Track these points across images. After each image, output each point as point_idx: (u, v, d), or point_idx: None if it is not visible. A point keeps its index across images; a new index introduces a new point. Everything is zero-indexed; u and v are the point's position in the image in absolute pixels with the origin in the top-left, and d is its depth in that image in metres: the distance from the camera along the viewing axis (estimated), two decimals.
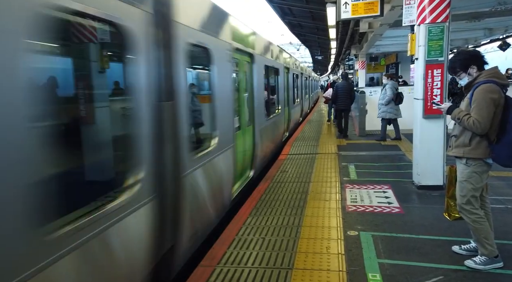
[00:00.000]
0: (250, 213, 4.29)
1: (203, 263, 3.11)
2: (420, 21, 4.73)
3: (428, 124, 4.83)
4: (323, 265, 3.00)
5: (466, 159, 2.88)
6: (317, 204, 4.53)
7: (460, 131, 2.93)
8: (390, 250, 3.25)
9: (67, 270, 1.72)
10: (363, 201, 4.62)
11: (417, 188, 4.98)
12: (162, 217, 2.59)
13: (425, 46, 4.69)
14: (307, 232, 3.68)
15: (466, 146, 2.87)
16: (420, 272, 2.85)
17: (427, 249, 3.24)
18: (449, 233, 3.52)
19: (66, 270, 1.72)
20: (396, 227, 3.75)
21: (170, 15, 2.77)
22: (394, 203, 4.49)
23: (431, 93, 4.73)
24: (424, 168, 4.92)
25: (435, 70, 4.71)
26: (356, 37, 15.09)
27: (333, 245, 3.36)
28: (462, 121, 2.83)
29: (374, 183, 5.35)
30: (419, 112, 4.86)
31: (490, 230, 2.88)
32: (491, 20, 10.27)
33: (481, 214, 2.89)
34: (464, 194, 2.90)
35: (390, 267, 2.94)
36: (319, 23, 15.73)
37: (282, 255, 3.21)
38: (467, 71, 2.91)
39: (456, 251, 3.13)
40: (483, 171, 2.87)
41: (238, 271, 2.96)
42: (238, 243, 3.48)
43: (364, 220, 3.98)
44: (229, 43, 4.44)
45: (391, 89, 8.40)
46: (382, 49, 17.18)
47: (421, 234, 3.56)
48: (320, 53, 27.77)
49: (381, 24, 9.59)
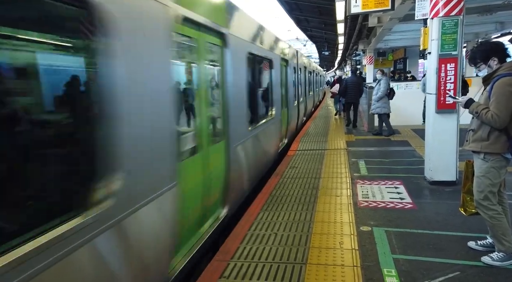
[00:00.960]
0: (262, 208, 4.28)
1: (217, 258, 3.12)
2: (433, 14, 4.65)
3: (441, 119, 4.76)
4: (337, 260, 2.99)
5: (484, 153, 2.83)
6: (328, 199, 4.51)
7: (478, 125, 2.87)
8: (405, 245, 3.23)
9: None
10: (374, 196, 4.59)
11: (429, 184, 4.93)
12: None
13: (438, 40, 4.62)
14: (320, 227, 3.66)
15: (484, 140, 2.82)
16: (436, 267, 2.83)
17: (442, 245, 3.21)
18: (464, 229, 3.48)
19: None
20: (409, 223, 3.72)
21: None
22: (407, 198, 4.46)
23: (444, 88, 4.67)
24: (436, 163, 4.86)
25: (449, 65, 4.63)
26: (364, 32, 14.94)
27: (346, 241, 3.34)
28: (480, 116, 2.78)
29: (385, 179, 5.31)
30: (432, 107, 4.79)
31: (508, 226, 2.84)
32: (502, 13, 10.08)
33: (499, 210, 2.85)
34: (482, 189, 2.85)
35: (405, 263, 2.92)
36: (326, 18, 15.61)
37: (295, 250, 3.20)
38: (488, 63, 2.84)
39: (472, 246, 3.10)
40: (501, 166, 2.82)
41: (252, 266, 2.96)
42: (251, 238, 3.48)
43: (377, 215, 3.96)
44: (164, 4, 2.50)
45: (385, 84, 8.53)
46: (390, 44, 16.99)
47: (436, 229, 3.52)
48: (327, 49, 27.58)
49: (391, 19, 9.47)
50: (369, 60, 17.58)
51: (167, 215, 2.56)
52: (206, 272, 2.89)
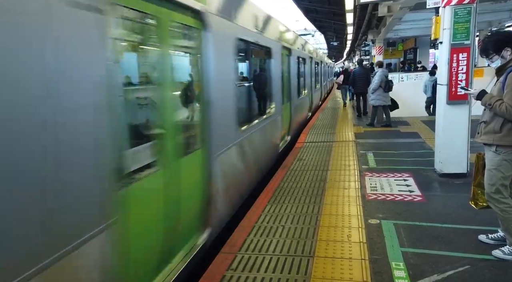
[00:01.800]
0: (269, 201, 4.28)
1: (224, 250, 3.13)
2: (445, 2, 4.53)
3: (452, 110, 4.67)
4: (345, 253, 2.97)
5: (496, 146, 2.77)
6: (336, 192, 4.48)
7: (490, 117, 2.81)
8: (413, 238, 3.19)
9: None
10: (383, 189, 4.54)
11: (439, 176, 4.86)
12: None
13: (450, 29, 4.50)
14: (327, 220, 3.65)
15: (496, 133, 2.75)
16: (445, 261, 2.79)
17: (451, 238, 3.17)
18: (475, 222, 3.43)
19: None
20: (418, 216, 3.68)
21: None
22: (416, 191, 4.40)
23: (455, 79, 4.56)
24: (447, 155, 4.79)
25: (461, 54, 4.52)
26: (374, 21, 14.68)
27: (354, 234, 3.32)
28: (493, 107, 2.71)
29: (394, 171, 5.25)
30: (443, 98, 4.70)
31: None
32: None
33: (511, 203, 2.79)
34: (493, 182, 2.80)
35: (414, 256, 2.89)
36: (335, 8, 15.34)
37: (302, 243, 3.19)
38: (500, 53, 2.77)
39: (482, 240, 3.05)
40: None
41: (259, 258, 2.96)
42: (258, 231, 3.48)
43: (385, 208, 3.92)
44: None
45: (380, 76, 8.69)
46: (400, 34, 16.65)
47: (445, 222, 3.48)
48: (336, 39, 27.21)
49: (401, 7, 9.26)
50: (378, 50, 17.27)
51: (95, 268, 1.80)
52: (214, 265, 2.91)
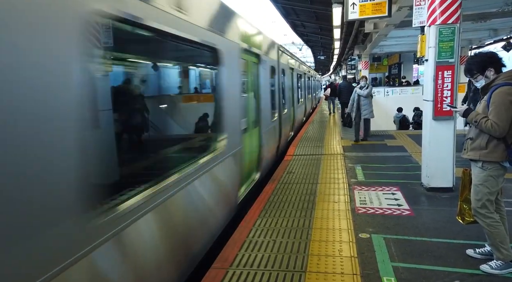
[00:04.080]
0: (259, 215, 4.26)
1: (216, 265, 3.09)
2: (430, 22, 4.70)
3: (438, 126, 4.79)
4: (337, 268, 2.97)
5: (482, 162, 2.85)
6: (326, 205, 4.50)
7: (476, 134, 2.89)
8: (404, 253, 3.22)
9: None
10: (372, 202, 4.59)
11: (426, 190, 4.95)
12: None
13: (435, 48, 4.66)
14: (318, 234, 3.65)
15: (482, 149, 2.83)
16: (435, 276, 2.83)
17: (441, 253, 3.21)
18: (463, 236, 3.49)
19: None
20: (407, 230, 3.72)
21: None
22: (404, 205, 4.46)
23: (441, 95, 4.70)
24: (433, 170, 4.88)
25: (446, 72, 4.67)
26: (360, 37, 15.04)
27: (345, 248, 3.33)
28: (479, 124, 2.80)
29: (382, 185, 5.32)
30: (429, 114, 4.82)
31: (505, 234, 2.85)
32: (497, 20, 10.23)
33: (496, 218, 2.86)
34: (480, 197, 2.87)
35: (405, 271, 2.92)
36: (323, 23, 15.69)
37: (294, 258, 3.18)
38: (484, 73, 2.88)
39: (470, 254, 3.10)
40: (499, 175, 2.84)
41: (251, 274, 2.93)
42: (250, 245, 3.45)
43: (375, 222, 3.95)
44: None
45: (371, 89, 9.23)
46: (385, 50, 17.15)
47: (434, 237, 3.53)
48: (323, 53, 27.72)
49: (387, 25, 9.55)
50: (364, 65, 17.69)
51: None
52: (205, 280, 2.86)
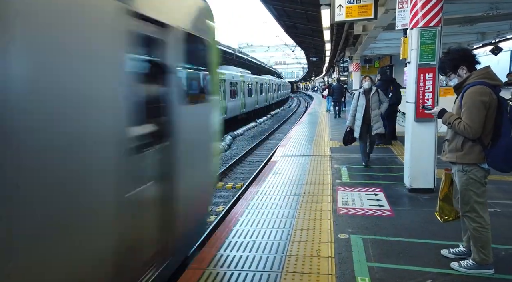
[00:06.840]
0: (242, 216, 4.27)
1: (192, 266, 3.09)
2: (412, 25, 4.76)
3: (419, 128, 4.85)
4: (313, 269, 2.99)
5: (461, 165, 2.80)
6: (309, 206, 4.53)
7: (452, 135, 2.86)
8: (380, 253, 3.26)
9: None
10: (354, 203, 4.63)
11: (408, 191, 5.00)
12: None
13: (417, 50, 4.71)
14: (299, 235, 3.67)
15: (458, 151, 2.80)
16: (409, 275, 2.86)
17: (416, 253, 3.25)
18: (439, 237, 3.53)
19: None
20: (386, 230, 3.76)
21: None
22: (385, 206, 4.51)
23: (423, 97, 4.76)
24: (415, 171, 4.94)
25: (427, 74, 4.73)
26: (351, 39, 15.15)
27: (324, 248, 3.36)
28: (453, 126, 2.76)
29: (366, 186, 5.37)
30: (411, 116, 4.88)
31: (488, 241, 2.80)
32: (483, 24, 10.36)
33: (486, 222, 2.78)
34: (466, 201, 2.82)
35: (380, 271, 2.95)
36: (314, 25, 15.76)
37: (272, 258, 3.19)
38: (457, 71, 2.82)
39: (445, 254, 3.14)
40: (481, 176, 2.78)
41: (227, 274, 2.94)
42: (229, 246, 3.46)
43: (355, 223, 3.99)
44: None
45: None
46: (376, 52, 17.27)
47: (411, 237, 3.57)
48: (315, 55, 27.85)
49: (375, 27, 9.64)
50: (355, 67, 17.83)
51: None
52: (181, 281, 2.86)
